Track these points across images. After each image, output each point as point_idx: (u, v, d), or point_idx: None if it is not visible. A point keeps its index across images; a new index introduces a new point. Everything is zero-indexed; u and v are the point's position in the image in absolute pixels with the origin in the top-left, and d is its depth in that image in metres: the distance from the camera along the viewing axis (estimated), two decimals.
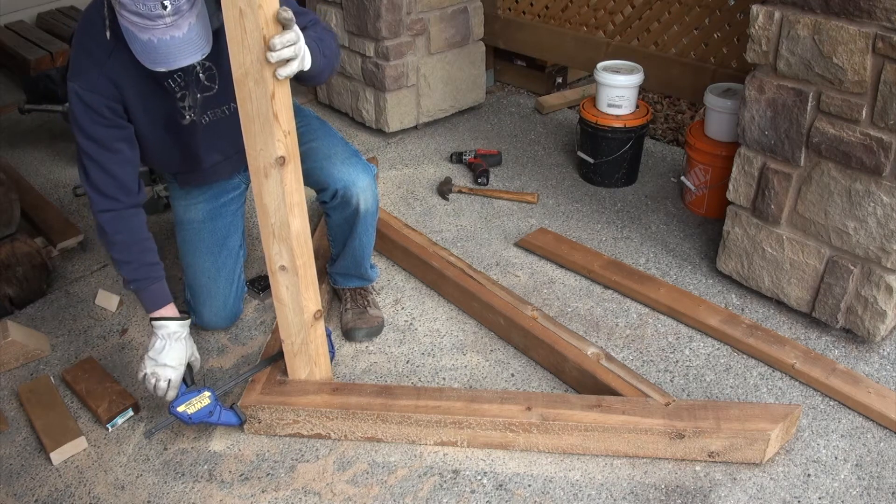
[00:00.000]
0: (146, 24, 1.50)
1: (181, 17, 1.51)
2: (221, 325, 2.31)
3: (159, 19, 1.49)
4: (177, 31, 1.52)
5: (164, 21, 1.50)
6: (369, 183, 2.05)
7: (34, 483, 1.88)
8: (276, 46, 1.47)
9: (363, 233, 2.14)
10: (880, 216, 1.93)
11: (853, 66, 1.85)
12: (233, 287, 2.28)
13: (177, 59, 1.56)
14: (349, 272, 2.28)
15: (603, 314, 2.34)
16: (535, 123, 3.58)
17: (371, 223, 2.14)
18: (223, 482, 1.85)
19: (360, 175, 2.03)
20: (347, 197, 2.02)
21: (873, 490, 1.75)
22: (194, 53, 1.58)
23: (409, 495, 1.79)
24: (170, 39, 1.52)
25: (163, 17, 1.49)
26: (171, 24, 1.51)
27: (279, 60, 1.49)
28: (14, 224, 2.42)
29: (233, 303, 2.29)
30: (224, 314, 2.28)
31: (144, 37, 1.52)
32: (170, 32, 1.51)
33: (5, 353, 2.20)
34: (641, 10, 3.11)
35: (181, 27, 1.52)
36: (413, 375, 2.15)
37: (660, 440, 1.81)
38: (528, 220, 2.83)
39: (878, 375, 2.06)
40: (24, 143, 3.58)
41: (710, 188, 2.71)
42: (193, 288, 2.25)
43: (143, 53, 1.56)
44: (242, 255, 2.33)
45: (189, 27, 1.53)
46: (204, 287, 2.23)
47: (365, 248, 2.19)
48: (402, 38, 3.25)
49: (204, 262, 2.22)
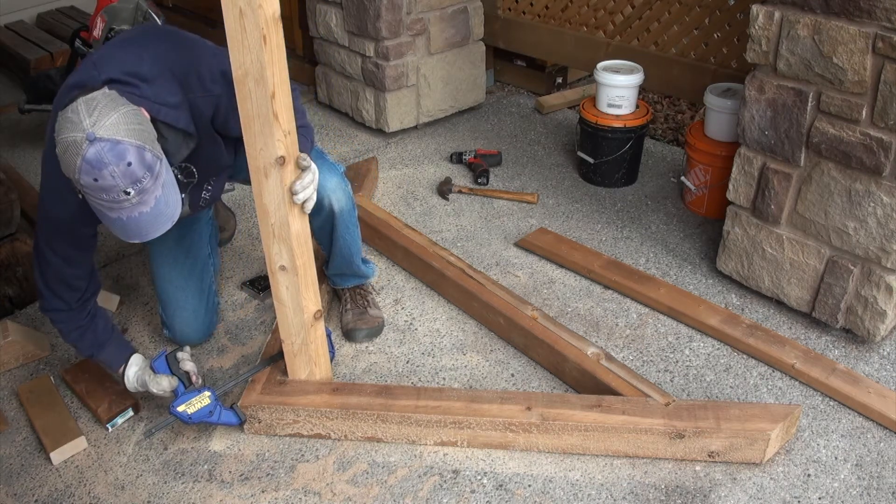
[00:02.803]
0: (112, 205, 1.50)
1: (146, 194, 1.50)
2: (195, 338, 2.25)
3: (125, 201, 1.49)
4: (144, 207, 1.52)
5: (130, 202, 1.49)
6: (338, 183, 2.01)
7: (34, 483, 1.88)
8: (297, 191, 1.66)
9: (345, 232, 2.11)
10: (880, 216, 1.93)
11: (853, 66, 1.85)
12: (203, 298, 2.24)
13: (149, 233, 1.57)
14: (343, 272, 2.28)
15: (603, 314, 2.34)
16: (535, 123, 3.58)
17: (350, 220, 2.11)
18: (223, 482, 1.85)
19: (327, 176, 1.96)
20: (318, 201, 1.92)
21: (873, 490, 1.75)
22: (165, 223, 1.58)
23: (409, 495, 1.79)
24: (138, 216, 1.52)
25: (128, 199, 1.49)
26: (138, 203, 1.50)
27: (303, 201, 1.68)
28: (14, 224, 2.42)
29: (204, 314, 2.25)
30: (196, 326, 2.23)
31: (113, 215, 1.52)
32: (138, 209, 1.51)
33: (5, 353, 2.20)
34: (641, 10, 3.11)
35: (147, 203, 1.51)
36: (413, 375, 2.15)
37: (660, 440, 1.81)
38: (528, 220, 2.83)
39: (878, 375, 2.06)
40: (24, 143, 3.58)
41: (710, 188, 2.71)
42: (162, 299, 2.22)
43: (115, 229, 1.57)
44: (213, 265, 2.31)
45: (156, 200, 1.52)
46: (172, 298, 2.20)
47: (351, 246, 2.17)
48: (402, 38, 3.25)
49: (170, 272, 2.20)
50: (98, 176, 1.44)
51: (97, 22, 2.93)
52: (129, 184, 1.46)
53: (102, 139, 1.43)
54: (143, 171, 1.47)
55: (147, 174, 1.48)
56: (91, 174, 1.44)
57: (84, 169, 1.44)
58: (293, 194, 1.65)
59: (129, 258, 2.71)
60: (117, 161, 1.44)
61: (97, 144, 1.43)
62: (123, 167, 1.44)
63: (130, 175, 1.46)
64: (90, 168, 1.43)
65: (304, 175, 1.67)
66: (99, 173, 1.44)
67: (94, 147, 1.42)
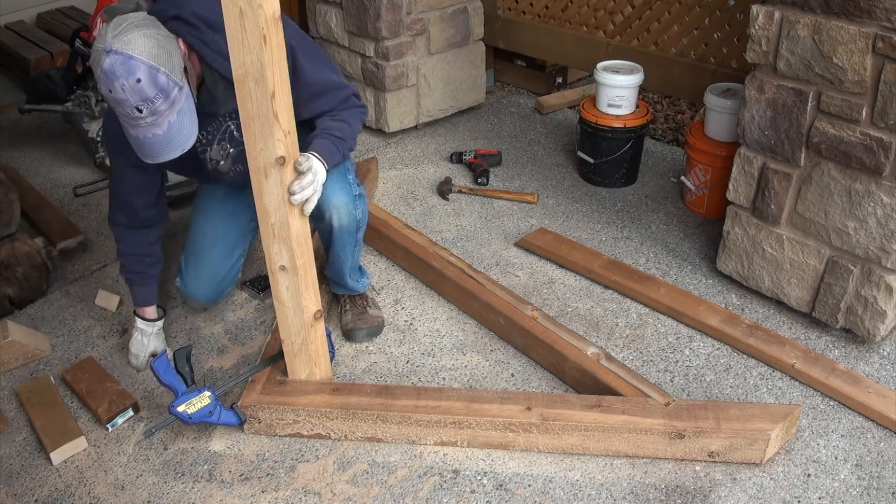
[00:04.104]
0: (130, 122, 1.61)
1: (160, 117, 1.60)
2: (201, 298, 2.26)
3: (140, 119, 1.60)
4: (158, 130, 1.62)
5: (145, 121, 1.60)
6: (344, 202, 1.98)
7: (34, 483, 1.88)
8: (294, 192, 1.66)
9: (341, 249, 2.10)
10: (880, 216, 1.93)
11: (853, 66, 1.85)
12: (227, 263, 2.25)
13: (159, 155, 1.67)
14: (334, 279, 2.27)
15: (603, 314, 2.34)
16: (535, 123, 3.58)
17: (348, 241, 2.09)
18: (223, 482, 1.85)
19: (337, 193, 1.96)
20: (321, 210, 1.94)
21: (873, 490, 1.75)
22: (175, 150, 1.67)
23: (409, 495, 1.79)
24: (152, 137, 1.63)
25: (142, 118, 1.59)
26: (152, 124, 1.61)
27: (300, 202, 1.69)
28: (14, 224, 2.42)
29: (220, 280, 2.25)
30: (207, 287, 2.24)
31: (133, 132, 1.64)
32: (151, 130, 1.62)
33: (5, 353, 2.20)
34: (641, 10, 3.11)
35: (161, 125, 1.62)
36: (413, 375, 2.15)
37: (660, 440, 1.81)
38: (528, 220, 2.83)
39: (878, 375, 2.06)
40: (24, 143, 3.58)
41: (710, 188, 2.71)
42: (189, 249, 2.24)
43: (134, 146, 1.69)
44: (249, 240, 2.32)
45: (169, 126, 1.62)
46: (198, 251, 2.21)
47: (343, 264, 2.16)
48: (402, 38, 3.25)
49: (206, 226, 2.22)
50: (111, 87, 1.55)
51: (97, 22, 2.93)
52: (139, 101, 1.56)
53: (117, 52, 1.54)
54: (155, 91, 1.57)
55: (159, 96, 1.58)
56: (106, 85, 1.56)
57: (101, 79, 1.56)
58: (290, 194, 1.67)
59: None
60: (126, 75, 1.54)
61: (111, 56, 1.54)
62: (133, 82, 1.54)
63: (140, 92, 1.55)
64: (105, 78, 1.55)
65: (304, 177, 1.68)
66: (112, 84, 1.55)
67: (108, 58, 1.54)
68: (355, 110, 1.97)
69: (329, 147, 1.83)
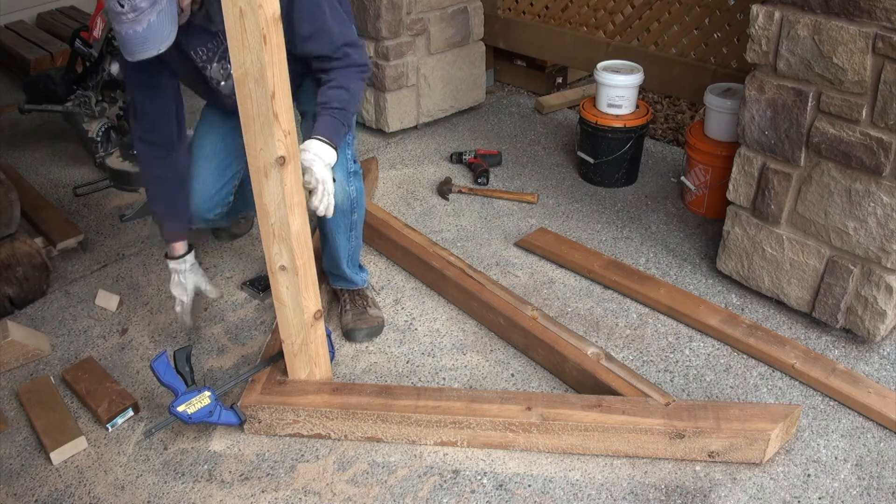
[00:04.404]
0: (115, 17, 1.65)
1: (141, 14, 1.64)
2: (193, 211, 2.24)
3: (122, 14, 1.63)
4: (138, 27, 1.65)
5: (126, 17, 1.64)
6: (339, 178, 1.95)
7: (34, 483, 1.88)
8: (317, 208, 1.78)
9: (336, 229, 2.08)
10: (880, 216, 1.93)
11: (853, 66, 1.85)
12: (221, 179, 2.24)
13: (137, 52, 1.70)
14: (331, 270, 2.26)
15: (603, 314, 2.34)
16: (535, 123, 3.58)
17: (342, 221, 2.06)
18: (223, 482, 1.85)
19: None
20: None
21: (873, 490, 1.75)
22: (151, 48, 1.70)
23: (409, 495, 1.79)
24: (133, 33, 1.66)
25: (124, 13, 1.63)
26: (133, 20, 1.64)
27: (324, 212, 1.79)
28: (14, 224, 2.42)
29: (213, 194, 2.24)
30: (201, 199, 2.23)
31: (118, 28, 1.68)
32: (133, 27, 1.65)
33: (5, 353, 2.20)
34: (641, 10, 3.11)
35: (141, 22, 1.65)
36: (413, 375, 2.15)
37: (660, 440, 1.81)
38: (528, 220, 2.83)
39: (878, 375, 2.06)
40: (24, 143, 3.58)
41: (710, 188, 2.71)
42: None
43: (118, 41, 1.73)
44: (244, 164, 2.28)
45: (148, 24, 1.65)
46: (194, 164, 2.21)
47: (339, 248, 2.15)
48: (402, 38, 3.25)
49: (204, 140, 2.24)
50: None
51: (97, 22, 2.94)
52: None
53: None
54: None
55: None
56: None
57: None
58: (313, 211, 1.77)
59: (129, 258, 2.71)
60: None
61: None
62: None
63: None
64: None
65: (314, 194, 1.77)
66: None
67: None
68: (353, 70, 1.94)
69: (332, 124, 1.85)
